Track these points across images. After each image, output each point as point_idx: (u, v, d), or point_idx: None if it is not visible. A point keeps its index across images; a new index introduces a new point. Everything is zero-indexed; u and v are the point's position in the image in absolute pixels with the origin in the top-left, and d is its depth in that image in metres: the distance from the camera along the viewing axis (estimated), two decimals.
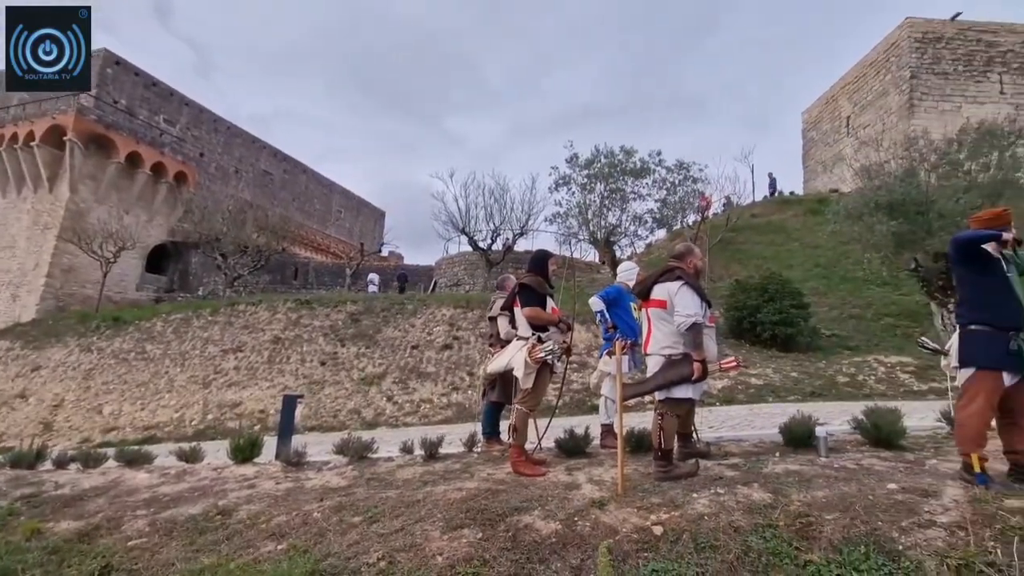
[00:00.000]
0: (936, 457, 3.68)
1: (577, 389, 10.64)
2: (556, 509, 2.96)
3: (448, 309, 15.53)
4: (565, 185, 20.14)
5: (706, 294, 3.52)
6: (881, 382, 9.91)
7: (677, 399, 3.39)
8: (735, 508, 2.84)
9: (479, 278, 21.88)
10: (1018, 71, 27.26)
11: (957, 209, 11.15)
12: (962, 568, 2.37)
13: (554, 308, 3.94)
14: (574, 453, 4.33)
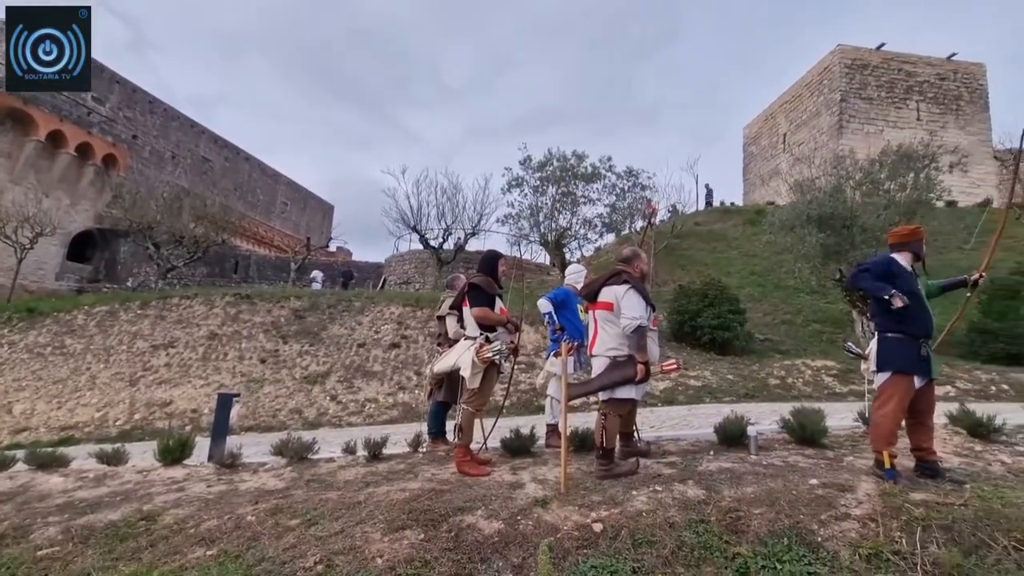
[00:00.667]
0: (853, 454, 3.96)
1: (525, 389, 10.73)
2: (499, 508, 2.98)
3: (397, 307, 15.28)
4: (518, 187, 20.28)
5: (651, 298, 3.65)
6: (808, 384, 10.54)
7: (620, 399, 3.49)
8: (671, 504, 2.96)
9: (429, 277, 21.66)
10: (932, 100, 29.78)
11: (878, 224, 12.07)
12: (872, 557, 2.56)
13: (503, 308, 3.97)
14: (519, 453, 4.36)
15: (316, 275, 24.39)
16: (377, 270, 27.04)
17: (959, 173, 16.03)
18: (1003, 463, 3.66)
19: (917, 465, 3.32)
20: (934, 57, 30.64)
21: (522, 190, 20.19)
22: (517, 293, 7.66)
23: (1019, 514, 2.78)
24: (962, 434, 4.40)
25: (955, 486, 3.11)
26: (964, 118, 29.72)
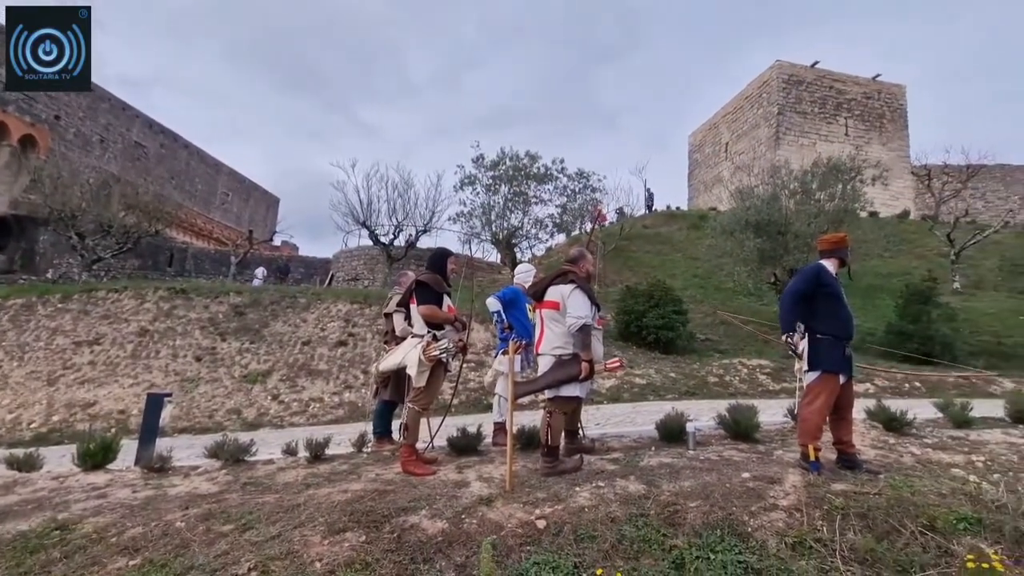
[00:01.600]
0: (782, 448, 4.19)
1: (474, 388, 10.71)
2: (444, 508, 2.96)
3: (344, 304, 14.89)
4: (470, 185, 20.22)
5: (596, 298, 3.73)
6: (744, 382, 11.07)
7: (565, 397, 3.55)
8: (613, 500, 3.04)
9: (379, 273, 21.24)
10: (859, 117, 31.93)
11: (809, 231, 12.84)
12: (796, 545, 2.72)
13: (451, 307, 3.94)
14: (466, 451, 4.35)
15: (259, 271, 23.40)
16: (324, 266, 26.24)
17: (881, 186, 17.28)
18: (913, 455, 3.97)
19: (838, 457, 3.55)
20: (861, 77, 32.85)
21: (474, 188, 20.17)
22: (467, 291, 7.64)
23: (925, 501, 3.02)
24: (878, 428, 4.74)
25: (871, 477, 3.35)
26: (886, 135, 32.03)
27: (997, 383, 10.93)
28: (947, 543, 2.72)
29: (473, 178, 20.17)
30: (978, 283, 17.97)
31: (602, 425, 6.68)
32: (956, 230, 19.85)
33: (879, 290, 16.56)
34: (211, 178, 39.18)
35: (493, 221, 19.67)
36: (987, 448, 4.08)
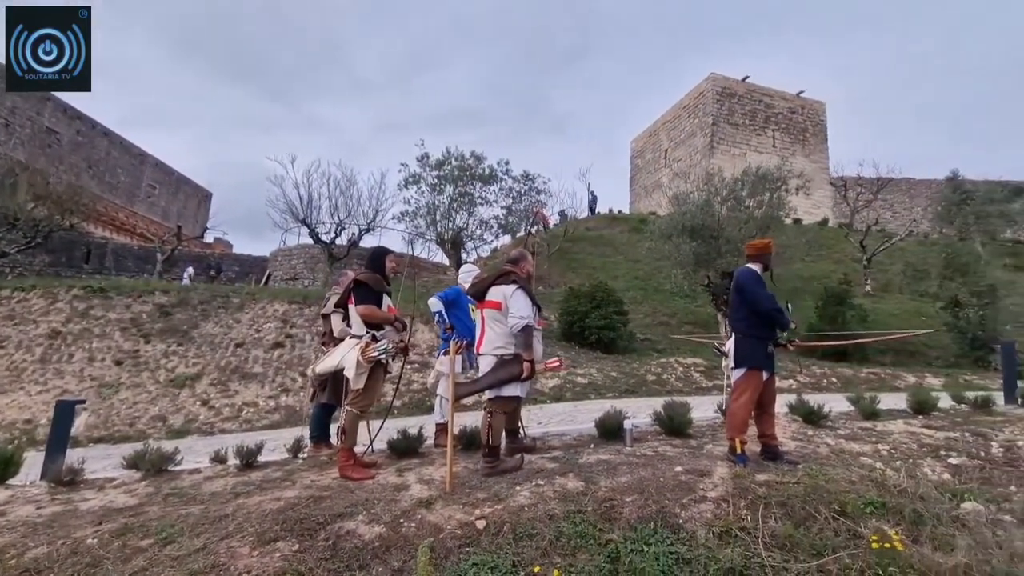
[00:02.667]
0: (712, 442, 4.40)
1: (417, 389, 10.56)
2: (382, 512, 2.91)
3: (282, 304, 14.30)
4: (415, 184, 19.95)
5: (536, 298, 3.77)
6: (680, 380, 11.53)
7: (506, 397, 3.57)
8: (552, 497, 3.08)
9: (320, 273, 20.54)
10: (785, 130, 34.05)
11: (739, 236, 13.56)
12: (723, 534, 2.87)
13: (391, 307, 3.87)
14: (407, 454, 4.29)
15: (188, 269, 22.05)
16: (261, 265, 25.08)
17: (803, 195, 18.48)
18: (828, 445, 4.28)
19: (762, 449, 3.77)
20: (787, 93, 35.06)
21: (419, 187, 19.92)
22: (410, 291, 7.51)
23: (838, 488, 3.26)
24: (799, 421, 5.07)
25: (791, 467, 3.58)
26: (809, 148, 34.32)
27: (902, 378, 11.95)
28: (856, 526, 2.95)
29: (418, 177, 19.92)
30: (886, 286, 19.59)
31: (544, 424, 6.77)
32: (868, 237, 21.60)
33: (802, 292, 17.70)
34: (135, 169, 36.51)
35: (438, 221, 19.49)
36: (891, 437, 4.45)
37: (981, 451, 4.09)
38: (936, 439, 4.35)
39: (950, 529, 3.01)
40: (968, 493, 3.45)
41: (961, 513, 3.20)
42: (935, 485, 3.50)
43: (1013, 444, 4.19)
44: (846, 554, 2.72)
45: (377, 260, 3.94)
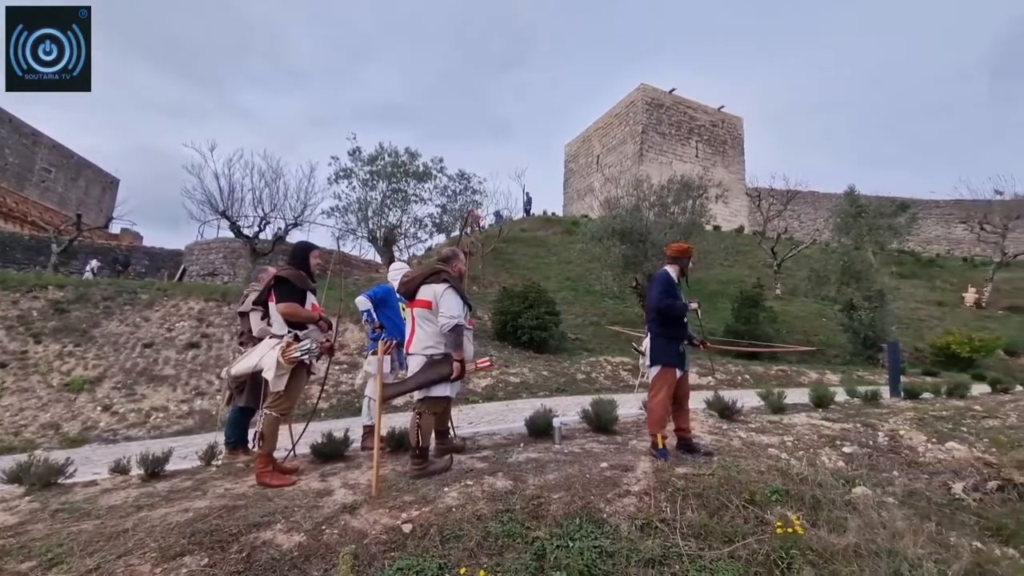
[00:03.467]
0: (636, 438, 4.57)
1: (346, 391, 10.22)
2: (303, 520, 2.78)
3: (198, 301, 13.36)
4: (346, 178, 19.27)
5: (468, 297, 3.75)
6: (608, 378, 11.90)
7: (436, 397, 3.52)
8: (481, 497, 3.08)
9: (241, 269, 19.37)
10: (707, 142, 36.08)
11: (665, 240, 14.19)
12: (645, 526, 2.98)
13: (315, 305, 3.71)
14: (331, 458, 4.13)
15: (92, 263, 20.09)
16: (175, 259, 23.29)
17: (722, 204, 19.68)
18: (740, 438, 4.56)
19: (679, 443, 3.97)
20: (709, 106, 37.16)
21: (350, 182, 19.26)
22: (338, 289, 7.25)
23: (748, 478, 3.49)
24: (715, 416, 5.38)
25: (707, 459, 3.79)
26: (728, 159, 36.56)
27: (805, 374, 12.99)
28: (763, 513, 3.17)
29: (349, 172, 19.26)
30: (793, 290, 21.25)
31: (475, 424, 6.75)
32: (778, 245, 23.38)
33: (720, 295, 18.83)
34: (26, 150, 32.74)
35: (370, 218, 18.94)
36: (795, 430, 4.81)
37: (869, 440, 4.51)
38: (833, 430, 4.75)
39: (843, 512, 3.30)
40: (858, 479, 3.80)
41: (852, 497, 3.51)
42: (831, 472, 3.83)
43: (896, 433, 4.66)
44: (754, 540, 2.91)
45: (301, 256, 3.76)
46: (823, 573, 2.77)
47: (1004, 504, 3.80)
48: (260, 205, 18.43)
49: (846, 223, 18.82)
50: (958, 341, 15.35)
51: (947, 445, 4.45)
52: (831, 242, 21.73)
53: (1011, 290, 24.30)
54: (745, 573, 2.68)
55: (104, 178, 40.09)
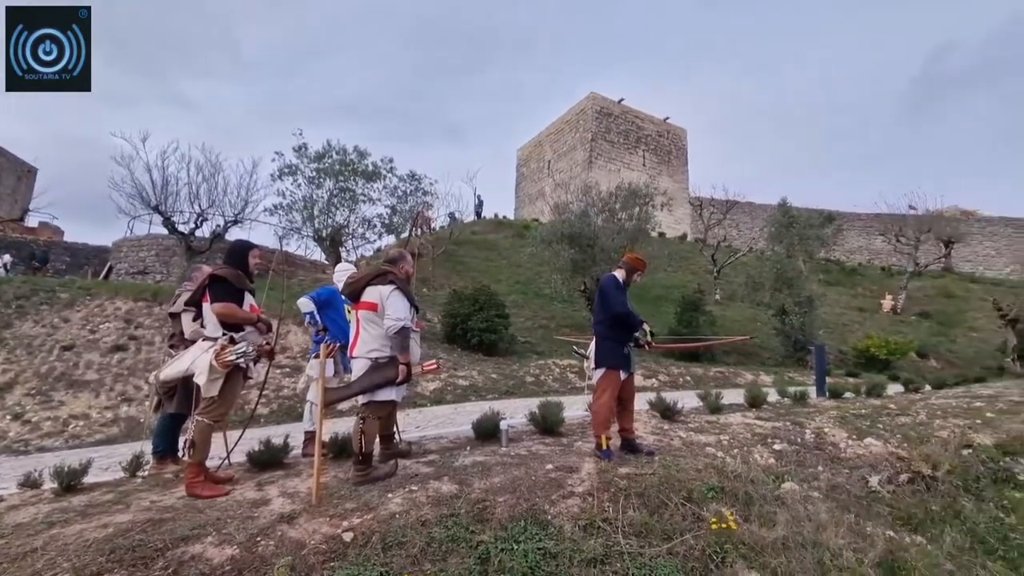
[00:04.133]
0: (582, 439, 4.64)
1: (288, 395, 9.84)
2: (236, 531, 2.65)
3: (125, 301, 12.53)
4: (291, 175, 18.59)
5: (415, 299, 3.70)
6: (556, 381, 12.05)
7: (380, 402, 3.45)
8: (425, 503, 3.04)
9: (175, 267, 18.30)
10: (653, 151, 37.31)
11: (612, 245, 14.56)
12: (588, 526, 3.03)
13: (253, 306, 3.55)
14: (269, 466, 3.97)
15: (5, 258, 18.45)
16: (101, 256, 21.73)
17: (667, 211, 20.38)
18: (680, 438, 4.72)
19: (622, 444, 4.07)
20: (655, 117, 38.46)
21: (295, 179, 18.59)
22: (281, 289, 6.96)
23: (687, 477, 3.62)
24: (657, 417, 5.54)
25: (649, 459, 3.90)
26: (672, 169, 37.94)
27: (742, 376, 13.63)
28: (700, 510, 3.29)
29: (294, 168, 18.59)
30: (731, 295, 22.27)
31: (422, 428, 6.67)
32: (718, 252, 24.47)
33: (664, 299, 19.48)
34: None
35: (316, 216, 18.36)
36: (731, 429, 5.03)
37: (797, 438, 4.78)
38: (765, 429, 5.01)
39: (773, 507, 3.48)
40: (787, 475, 4.02)
41: (782, 492, 3.71)
42: (763, 469, 4.03)
43: (821, 430, 4.96)
44: (691, 536, 3.02)
45: (239, 254, 3.59)
46: (754, 566, 2.91)
47: (914, 495, 4.13)
48: (197, 200, 17.51)
49: (779, 233, 19.92)
50: (876, 344, 16.55)
51: (865, 441, 4.78)
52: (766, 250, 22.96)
53: (922, 297, 26.48)
54: (682, 569, 2.78)
55: (20, 167, 36.81)
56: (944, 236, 31.72)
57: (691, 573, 2.77)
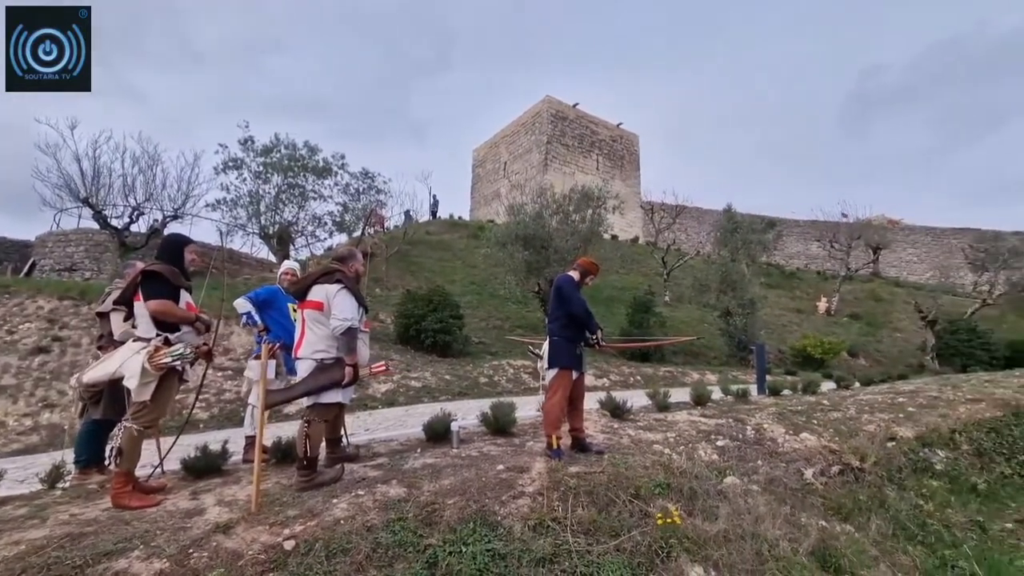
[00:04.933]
0: (533, 439, 4.66)
1: (230, 399, 9.41)
2: (166, 544, 2.49)
3: (49, 300, 11.65)
4: (236, 169, 17.76)
5: (364, 299, 3.61)
6: (510, 381, 12.07)
7: (326, 404, 3.34)
8: (372, 507, 2.96)
9: (107, 264, 17.15)
10: (607, 156, 38.07)
11: (566, 247, 14.73)
12: (537, 526, 3.04)
13: (190, 304, 3.36)
14: (206, 473, 3.77)
15: None
16: (23, 251, 20.11)
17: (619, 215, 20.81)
18: (630, 436, 4.81)
19: (572, 443, 4.11)
20: (609, 122, 39.26)
21: (240, 174, 17.78)
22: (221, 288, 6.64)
23: (635, 474, 3.69)
24: (607, 416, 5.64)
25: (598, 457, 3.95)
26: (625, 173, 38.82)
27: (689, 375, 14.09)
28: (646, 506, 3.36)
29: (240, 162, 17.78)
30: (680, 297, 23.00)
31: (372, 430, 6.52)
32: (667, 255, 25.22)
33: (616, 300, 19.88)
34: None
35: (262, 213, 17.61)
36: (677, 426, 5.18)
37: (739, 434, 4.97)
38: (709, 425, 5.18)
39: (716, 501, 3.60)
40: (729, 469, 4.17)
41: (724, 487, 3.85)
42: (707, 465, 4.17)
43: (761, 426, 5.18)
44: (638, 532, 3.08)
45: (174, 250, 3.37)
46: (697, 559, 2.99)
47: (844, 486, 4.37)
48: (132, 193, 16.46)
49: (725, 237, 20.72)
50: (812, 344, 17.49)
51: (801, 436, 5.02)
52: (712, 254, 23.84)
53: (853, 300, 28.19)
54: (629, 565, 2.82)
55: None
56: (873, 243, 33.96)
57: (637, 569, 2.82)
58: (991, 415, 5.95)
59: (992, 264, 21.52)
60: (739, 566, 3.02)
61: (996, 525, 4.42)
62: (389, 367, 4.48)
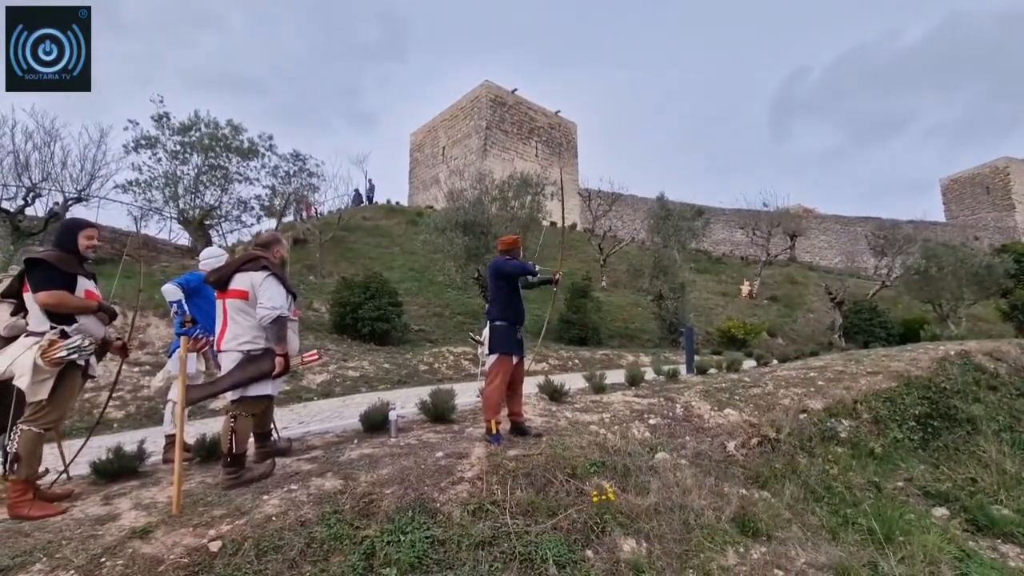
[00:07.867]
0: (473, 425, 4.67)
1: (148, 396, 8.77)
2: (73, 554, 2.30)
3: None
4: (149, 148, 16.42)
5: (291, 286, 3.45)
6: (451, 368, 12.02)
7: (254, 397, 3.18)
8: (306, 502, 2.87)
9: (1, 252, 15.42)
10: (545, 143, 38.35)
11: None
12: (477, 511, 3.06)
13: (90, 291, 3.06)
14: (120, 476, 3.51)
15: None
16: None
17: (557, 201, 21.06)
18: (567, 418, 4.93)
19: (512, 427, 4.16)
20: (548, 110, 39.49)
21: (155, 153, 16.46)
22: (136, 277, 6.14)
23: (571, 455, 3.78)
24: (546, 399, 5.75)
25: (536, 440, 4.02)
26: (563, 160, 39.27)
27: (624, 357, 14.60)
28: (582, 485, 3.47)
29: (153, 140, 16.44)
30: (616, 283, 23.73)
31: (307, 423, 6.30)
32: (604, 242, 25.87)
33: None
34: None
35: (181, 196, 16.42)
36: (612, 407, 5.35)
37: (669, 412, 5.22)
38: (642, 405, 5.40)
39: (647, 476, 3.76)
40: (660, 446, 4.38)
41: (655, 462, 4.03)
42: (639, 442, 4.35)
43: (689, 404, 5.46)
44: (574, 511, 3.17)
45: (68, 235, 3.03)
46: (629, 532, 3.13)
47: (762, 456, 4.70)
48: (26, 173, 14.82)
49: (657, 225, 21.51)
50: (736, 326, 18.60)
51: (725, 411, 5.34)
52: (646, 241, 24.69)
53: (772, 283, 30.16)
54: (566, 542, 2.91)
55: None
56: (790, 230, 36.38)
57: (574, 545, 2.91)
58: (887, 386, 6.57)
59: (890, 250, 23.60)
60: (668, 536, 3.19)
61: (890, 484, 4.91)
62: (321, 356, 4.33)
